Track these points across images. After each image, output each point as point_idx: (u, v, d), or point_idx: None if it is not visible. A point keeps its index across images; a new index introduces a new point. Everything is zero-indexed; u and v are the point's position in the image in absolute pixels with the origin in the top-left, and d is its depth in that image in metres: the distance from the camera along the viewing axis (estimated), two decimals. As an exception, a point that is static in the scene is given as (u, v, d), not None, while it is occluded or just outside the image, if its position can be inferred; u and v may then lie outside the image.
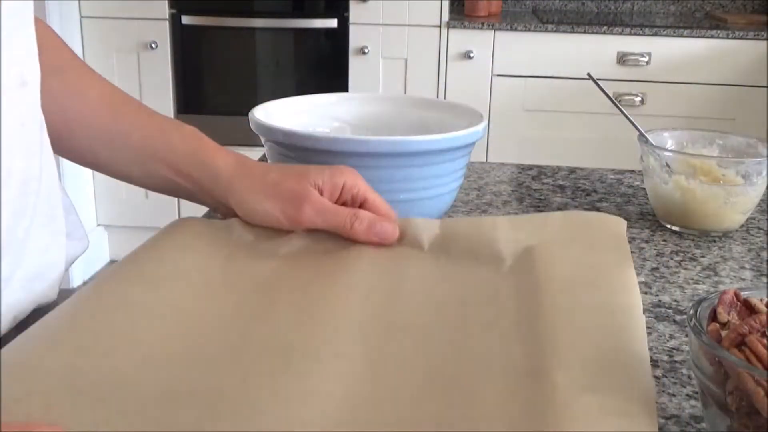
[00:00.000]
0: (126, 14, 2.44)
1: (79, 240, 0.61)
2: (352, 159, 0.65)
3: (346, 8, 2.43)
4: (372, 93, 1.23)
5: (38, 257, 0.53)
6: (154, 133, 0.62)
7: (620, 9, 2.81)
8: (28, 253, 0.52)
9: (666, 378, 0.49)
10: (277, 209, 0.59)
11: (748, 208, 0.74)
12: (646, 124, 0.78)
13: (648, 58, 2.37)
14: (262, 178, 0.60)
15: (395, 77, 2.46)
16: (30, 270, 0.52)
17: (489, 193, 0.86)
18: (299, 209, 0.58)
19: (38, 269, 0.53)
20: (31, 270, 0.52)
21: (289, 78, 2.58)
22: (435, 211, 0.72)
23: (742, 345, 0.38)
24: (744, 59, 2.35)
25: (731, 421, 0.37)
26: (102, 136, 0.62)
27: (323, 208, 0.58)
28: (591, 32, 2.37)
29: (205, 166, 0.61)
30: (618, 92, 2.36)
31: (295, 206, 0.58)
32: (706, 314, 0.42)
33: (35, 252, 0.53)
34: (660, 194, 0.76)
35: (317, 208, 0.58)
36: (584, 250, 0.57)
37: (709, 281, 0.65)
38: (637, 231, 0.75)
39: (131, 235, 2.63)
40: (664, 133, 0.81)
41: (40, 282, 0.54)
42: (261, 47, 2.54)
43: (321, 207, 0.58)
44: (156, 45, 2.47)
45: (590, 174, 0.94)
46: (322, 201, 0.59)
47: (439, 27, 2.40)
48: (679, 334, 0.55)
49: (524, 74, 2.42)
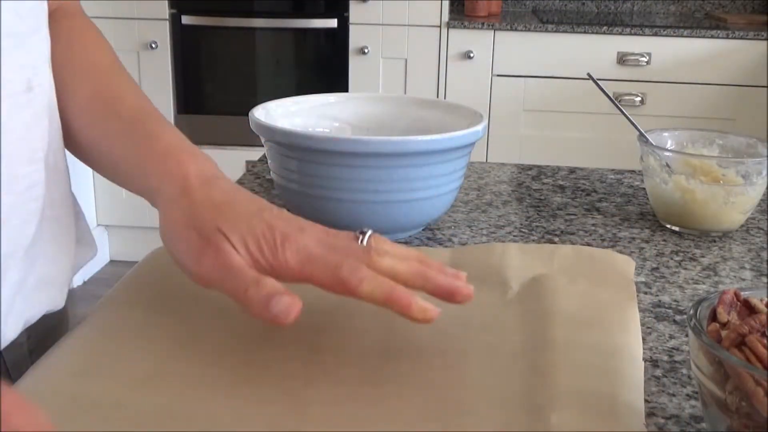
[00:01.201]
0: (126, 14, 2.45)
1: (88, 246, 0.61)
2: (352, 159, 0.65)
3: (346, 8, 2.43)
4: (372, 93, 1.23)
5: (47, 264, 0.53)
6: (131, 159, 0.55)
7: (620, 9, 2.81)
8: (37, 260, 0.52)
9: (666, 378, 0.49)
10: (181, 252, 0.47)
11: (748, 208, 0.74)
12: (646, 124, 0.78)
13: (648, 58, 2.37)
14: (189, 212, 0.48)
15: (395, 77, 2.46)
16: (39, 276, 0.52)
17: (489, 193, 0.86)
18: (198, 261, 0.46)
19: (47, 276, 0.53)
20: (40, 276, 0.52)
21: (289, 78, 2.58)
22: (435, 211, 0.72)
23: (742, 345, 0.38)
24: (744, 59, 2.35)
25: (731, 421, 0.37)
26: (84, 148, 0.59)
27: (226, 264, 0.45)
28: (591, 32, 2.37)
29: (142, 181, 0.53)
30: (618, 92, 2.36)
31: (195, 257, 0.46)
32: (706, 314, 0.42)
33: (44, 259, 0.52)
34: (660, 194, 0.76)
35: (217, 263, 0.45)
36: (590, 287, 0.57)
37: (709, 281, 0.65)
38: (637, 231, 0.75)
39: (131, 235, 2.64)
40: (664, 133, 0.81)
41: (49, 288, 0.54)
42: (261, 47, 2.54)
43: (223, 263, 0.45)
44: (156, 45, 2.47)
45: (590, 174, 0.94)
46: (229, 257, 0.45)
47: (439, 27, 2.40)
48: (679, 334, 0.55)
49: (524, 74, 2.42)
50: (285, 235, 0.46)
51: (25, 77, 0.49)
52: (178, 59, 2.52)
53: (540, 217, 0.78)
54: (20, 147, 0.49)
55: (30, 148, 0.50)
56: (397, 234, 0.72)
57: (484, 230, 0.74)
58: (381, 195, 0.67)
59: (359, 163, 0.66)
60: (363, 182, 0.67)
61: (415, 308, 0.44)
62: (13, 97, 0.48)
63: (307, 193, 0.69)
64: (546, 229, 0.75)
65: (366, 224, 0.69)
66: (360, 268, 0.45)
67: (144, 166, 0.52)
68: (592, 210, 0.81)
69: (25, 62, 0.49)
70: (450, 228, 0.75)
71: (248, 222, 0.46)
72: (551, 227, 0.75)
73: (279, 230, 0.46)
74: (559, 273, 0.59)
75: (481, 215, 0.78)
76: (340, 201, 0.68)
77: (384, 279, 0.45)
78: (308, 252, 0.45)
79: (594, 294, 0.56)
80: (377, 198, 0.68)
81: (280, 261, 0.45)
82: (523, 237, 0.73)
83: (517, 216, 0.79)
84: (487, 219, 0.77)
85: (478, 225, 0.76)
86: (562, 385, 0.44)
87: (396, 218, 0.70)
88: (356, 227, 0.70)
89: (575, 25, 2.38)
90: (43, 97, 0.51)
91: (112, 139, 0.55)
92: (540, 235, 0.73)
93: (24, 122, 0.49)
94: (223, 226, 0.46)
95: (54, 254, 0.53)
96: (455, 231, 0.74)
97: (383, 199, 0.68)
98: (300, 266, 0.45)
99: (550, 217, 0.78)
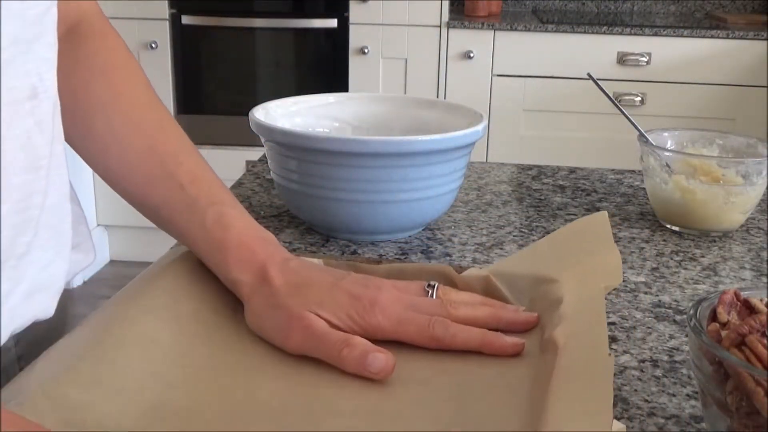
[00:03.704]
0: (126, 14, 2.44)
1: (86, 253, 0.61)
2: (352, 159, 0.65)
3: (346, 8, 2.43)
4: (372, 93, 1.23)
5: (40, 271, 0.52)
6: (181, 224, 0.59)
7: (620, 9, 2.81)
8: (30, 267, 0.51)
9: (666, 378, 0.50)
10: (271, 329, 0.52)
11: (748, 208, 0.74)
12: (646, 124, 0.78)
13: (648, 58, 2.37)
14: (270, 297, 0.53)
15: (395, 77, 2.46)
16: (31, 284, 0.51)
17: (489, 193, 0.86)
18: (288, 336, 0.51)
19: (39, 283, 0.52)
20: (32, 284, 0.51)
21: (289, 78, 2.58)
22: (435, 211, 0.72)
23: (742, 345, 0.38)
24: (744, 59, 2.35)
25: (731, 421, 0.37)
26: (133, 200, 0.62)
27: (314, 333, 0.50)
28: (591, 32, 2.37)
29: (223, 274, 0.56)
30: (618, 92, 2.36)
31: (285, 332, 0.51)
32: (706, 314, 0.42)
33: (37, 266, 0.51)
34: (660, 194, 0.76)
35: (307, 333, 0.50)
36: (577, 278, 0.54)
37: (709, 281, 0.65)
38: (637, 231, 0.75)
39: (131, 235, 2.64)
40: (664, 133, 0.81)
41: (40, 296, 0.53)
42: (261, 47, 2.54)
43: (312, 332, 0.50)
44: (156, 45, 2.47)
45: (590, 174, 0.94)
46: (316, 325, 0.50)
47: (439, 27, 2.40)
48: (679, 334, 0.55)
49: (524, 74, 2.42)
50: (372, 301, 0.51)
51: (30, 84, 0.48)
52: (178, 59, 2.52)
53: (540, 217, 0.79)
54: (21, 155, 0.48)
55: (33, 156, 0.49)
56: (397, 234, 0.72)
57: (484, 230, 0.74)
58: (381, 195, 0.67)
59: (359, 163, 0.66)
60: (363, 182, 0.67)
61: (508, 347, 0.50)
62: (16, 104, 0.47)
63: (307, 193, 0.69)
64: (546, 229, 0.75)
65: (366, 224, 0.70)
66: (449, 325, 0.51)
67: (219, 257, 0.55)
68: (592, 210, 0.81)
69: (30, 69, 0.48)
70: (450, 228, 0.75)
71: (332, 296, 0.51)
72: (551, 227, 0.75)
73: (364, 296, 0.51)
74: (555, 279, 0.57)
75: (481, 215, 0.78)
76: (340, 201, 0.68)
77: (471, 329, 0.51)
78: (398, 314, 0.51)
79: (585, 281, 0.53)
80: (377, 198, 0.68)
81: (373, 325, 0.51)
82: (523, 237, 0.73)
83: (517, 216, 0.79)
84: (487, 219, 0.77)
85: (478, 225, 0.76)
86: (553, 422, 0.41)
87: (396, 218, 0.70)
88: (357, 228, 0.70)
89: (575, 25, 2.38)
90: (48, 103, 0.51)
91: (174, 210, 0.58)
92: (540, 235, 0.73)
93: (26, 130, 0.48)
94: (312, 307, 0.51)
95: (47, 262, 0.52)
96: (455, 231, 0.74)
97: (383, 199, 0.68)
98: (393, 328, 0.51)
99: (550, 217, 0.78)
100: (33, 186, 0.49)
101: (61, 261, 0.54)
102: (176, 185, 0.58)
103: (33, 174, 0.49)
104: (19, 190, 0.48)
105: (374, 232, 0.71)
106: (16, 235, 0.49)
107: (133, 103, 0.61)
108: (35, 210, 0.50)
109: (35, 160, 0.49)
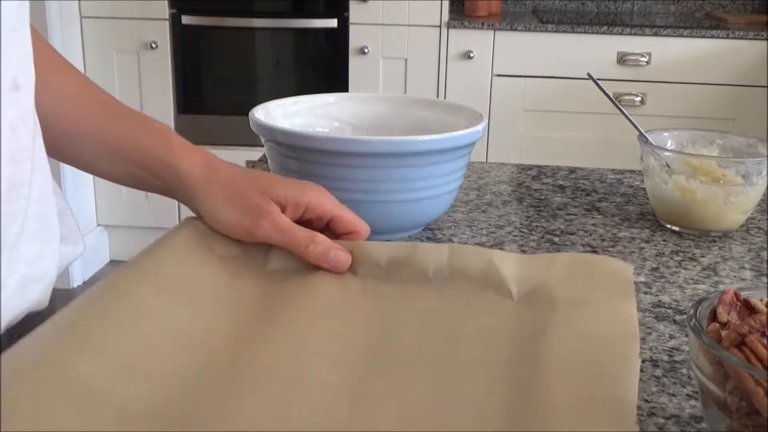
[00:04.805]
0: (126, 14, 2.44)
1: (74, 244, 0.61)
2: (352, 159, 0.65)
3: (346, 8, 2.43)
4: (372, 93, 1.23)
5: (30, 263, 0.53)
6: (125, 133, 0.62)
7: (620, 9, 2.81)
8: (20, 260, 0.51)
9: (666, 378, 0.50)
10: (236, 220, 0.58)
11: (748, 208, 0.74)
12: (646, 124, 0.78)
13: (648, 58, 2.37)
14: (226, 185, 0.60)
15: (395, 77, 2.46)
16: (22, 276, 0.52)
17: (489, 193, 0.86)
18: (257, 224, 0.58)
19: (31, 275, 0.53)
20: (23, 276, 0.52)
21: (289, 78, 2.58)
22: (435, 211, 0.72)
23: (742, 345, 0.38)
24: (744, 59, 2.35)
25: (731, 421, 0.37)
26: (76, 134, 0.62)
27: (281, 227, 0.58)
28: (591, 32, 2.37)
29: (171, 169, 0.61)
30: (618, 92, 2.36)
31: (253, 220, 0.58)
32: (706, 314, 0.42)
33: (27, 258, 0.52)
34: (660, 194, 0.76)
35: (275, 225, 0.58)
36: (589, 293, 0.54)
37: (709, 281, 0.65)
38: (637, 231, 0.75)
39: (131, 235, 2.64)
40: (664, 133, 0.81)
41: (32, 288, 0.53)
42: (261, 47, 2.54)
43: (279, 225, 0.58)
44: (156, 45, 2.47)
45: (590, 174, 0.94)
46: (281, 219, 0.58)
47: (439, 27, 2.40)
48: (679, 334, 0.55)
49: (524, 74, 2.42)
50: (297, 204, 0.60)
51: (12, 76, 0.49)
52: (178, 59, 2.52)
53: (540, 217, 0.79)
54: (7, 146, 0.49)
55: (18, 147, 0.50)
56: (397, 234, 0.72)
57: (484, 230, 0.74)
58: (381, 195, 0.67)
59: (359, 163, 0.66)
60: (363, 182, 0.67)
61: None
62: (1, 96, 0.48)
63: (307, 193, 0.69)
64: (546, 229, 0.75)
65: (366, 224, 0.70)
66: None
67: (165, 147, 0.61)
68: (592, 210, 0.81)
69: (12, 61, 0.49)
70: (450, 228, 0.75)
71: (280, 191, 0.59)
72: (551, 227, 0.75)
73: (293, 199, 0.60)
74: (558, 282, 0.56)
75: (481, 215, 0.78)
76: (340, 201, 0.68)
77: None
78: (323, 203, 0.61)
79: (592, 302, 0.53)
80: (377, 198, 0.68)
81: None
82: (523, 237, 0.73)
83: (517, 216, 0.79)
84: (487, 219, 0.77)
85: (478, 225, 0.76)
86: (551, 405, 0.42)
87: (396, 218, 0.70)
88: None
89: (575, 25, 2.38)
90: (29, 96, 0.52)
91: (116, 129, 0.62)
92: (540, 235, 0.73)
93: (10, 121, 0.49)
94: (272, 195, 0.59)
95: (37, 253, 0.53)
96: (455, 231, 0.74)
97: (383, 199, 0.68)
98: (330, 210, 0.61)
99: (550, 217, 0.78)
100: (19, 177, 0.50)
101: (50, 252, 0.55)
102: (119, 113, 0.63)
103: (18, 165, 0.50)
104: (7, 181, 0.49)
105: (374, 232, 0.71)
106: (7, 226, 0.49)
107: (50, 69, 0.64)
108: (23, 201, 0.51)
109: (20, 152, 0.50)
